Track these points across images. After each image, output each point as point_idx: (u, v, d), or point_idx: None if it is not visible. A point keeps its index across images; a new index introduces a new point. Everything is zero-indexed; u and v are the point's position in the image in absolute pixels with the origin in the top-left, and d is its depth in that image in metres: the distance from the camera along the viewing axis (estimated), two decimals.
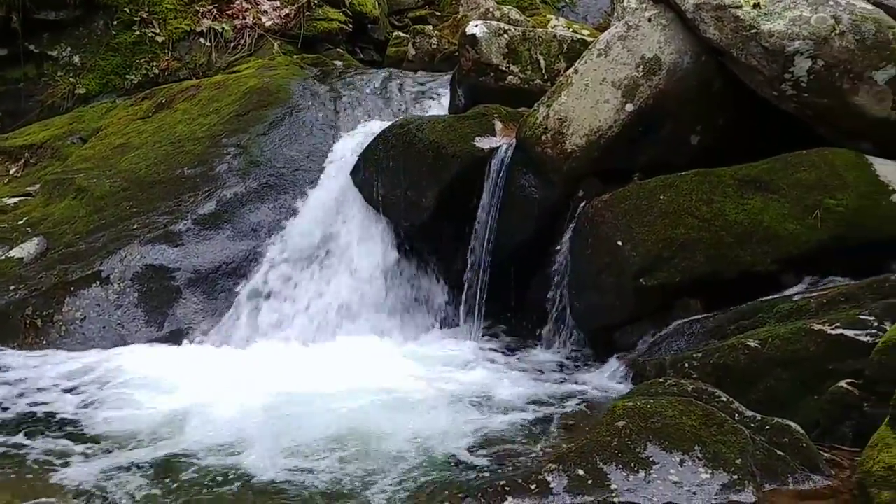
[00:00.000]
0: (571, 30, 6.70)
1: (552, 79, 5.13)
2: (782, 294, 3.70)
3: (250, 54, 6.63)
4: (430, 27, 7.29)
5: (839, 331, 3.23)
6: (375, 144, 4.88)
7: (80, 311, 4.56)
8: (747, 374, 3.30)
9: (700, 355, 3.46)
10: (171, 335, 4.55)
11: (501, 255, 4.49)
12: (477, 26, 5.30)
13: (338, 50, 6.74)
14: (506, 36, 5.28)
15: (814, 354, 3.22)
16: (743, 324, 3.59)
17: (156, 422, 3.44)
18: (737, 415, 2.94)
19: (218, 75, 6.35)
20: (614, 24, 4.61)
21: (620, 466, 2.67)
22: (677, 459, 2.68)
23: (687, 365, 3.45)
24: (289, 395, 3.63)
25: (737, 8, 4.01)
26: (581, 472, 2.66)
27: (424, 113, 5.49)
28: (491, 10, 7.04)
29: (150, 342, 4.48)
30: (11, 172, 5.95)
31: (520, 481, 2.65)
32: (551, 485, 2.62)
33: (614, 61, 4.30)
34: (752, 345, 3.34)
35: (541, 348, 4.36)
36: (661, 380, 3.26)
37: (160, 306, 4.63)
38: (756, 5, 4.01)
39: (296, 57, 6.42)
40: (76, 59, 6.75)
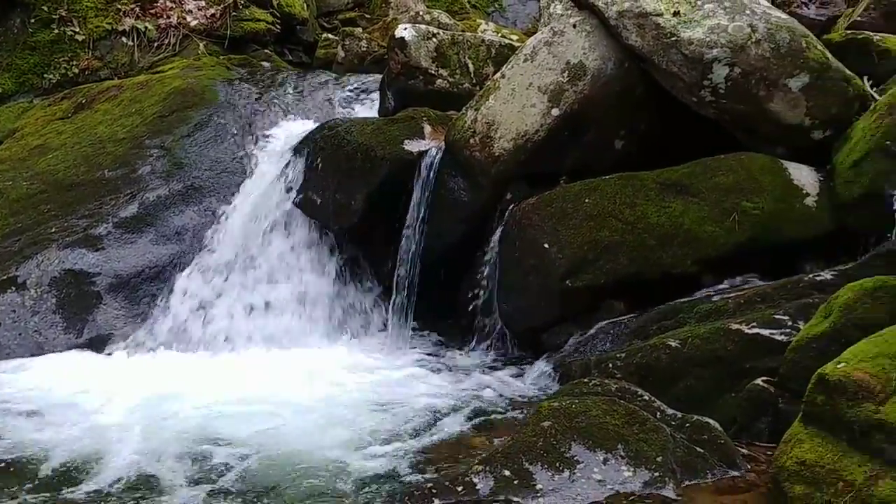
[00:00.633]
0: (500, 34, 6.76)
1: (481, 83, 5.17)
2: (702, 295, 3.81)
3: (175, 54, 6.50)
4: (360, 29, 7.27)
5: (755, 330, 3.33)
6: (304, 147, 4.84)
7: None
8: (668, 373, 3.38)
9: (623, 355, 3.53)
10: (91, 342, 4.42)
11: (431, 258, 4.50)
12: (406, 30, 5.31)
13: (266, 51, 6.66)
14: (435, 40, 5.30)
15: (731, 353, 3.32)
16: (665, 324, 3.67)
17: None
18: (658, 413, 3.01)
19: (141, 75, 6.21)
20: (541, 30, 4.67)
21: (546, 466, 2.70)
22: (601, 458, 2.73)
23: (611, 365, 3.51)
24: (200, 406, 3.56)
25: (658, 16, 4.11)
26: (507, 472, 2.68)
27: (353, 115, 5.47)
28: (421, 13, 7.06)
29: (68, 350, 4.35)
30: None
31: (446, 484, 2.66)
32: (478, 486, 2.64)
33: (540, 66, 4.36)
34: (673, 344, 3.43)
35: (470, 350, 4.39)
36: (586, 380, 3.31)
37: (80, 312, 4.50)
38: (676, 13, 4.11)
39: (222, 58, 6.32)
40: None
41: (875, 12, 5.55)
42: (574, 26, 4.38)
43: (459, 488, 2.64)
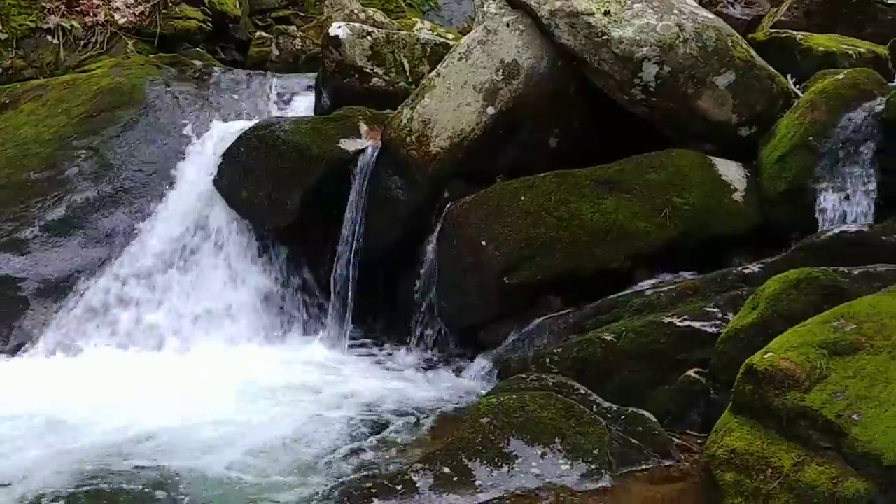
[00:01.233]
0: (436, 33, 6.77)
1: (416, 81, 5.17)
2: (636, 289, 3.88)
3: (102, 53, 6.33)
4: (294, 28, 7.19)
5: (687, 323, 3.42)
6: (237, 146, 4.77)
7: None
8: (604, 366, 3.44)
9: (560, 350, 3.58)
10: (18, 348, 4.29)
11: (369, 257, 4.49)
12: (340, 28, 5.27)
13: (197, 49, 6.53)
14: (369, 38, 5.28)
15: (664, 346, 3.39)
16: (600, 318, 3.73)
17: None
18: (595, 406, 3.06)
19: (67, 75, 6.03)
20: (475, 29, 4.70)
21: (485, 462, 2.72)
22: (539, 452, 2.76)
23: (548, 360, 3.56)
24: (127, 408, 3.50)
25: (589, 15, 4.17)
26: (447, 469, 2.70)
27: (288, 114, 5.41)
28: (355, 11, 7.01)
29: None
30: None
31: (386, 482, 2.66)
32: (417, 484, 2.64)
33: (475, 65, 4.38)
34: (608, 338, 3.49)
35: (409, 348, 4.38)
36: (524, 375, 3.35)
37: (5, 318, 4.37)
38: (607, 13, 4.18)
39: (152, 56, 6.17)
40: None
41: (798, 12, 5.74)
42: (507, 25, 4.42)
43: (399, 487, 2.64)
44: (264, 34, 7.08)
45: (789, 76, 4.54)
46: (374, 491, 2.63)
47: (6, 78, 6.21)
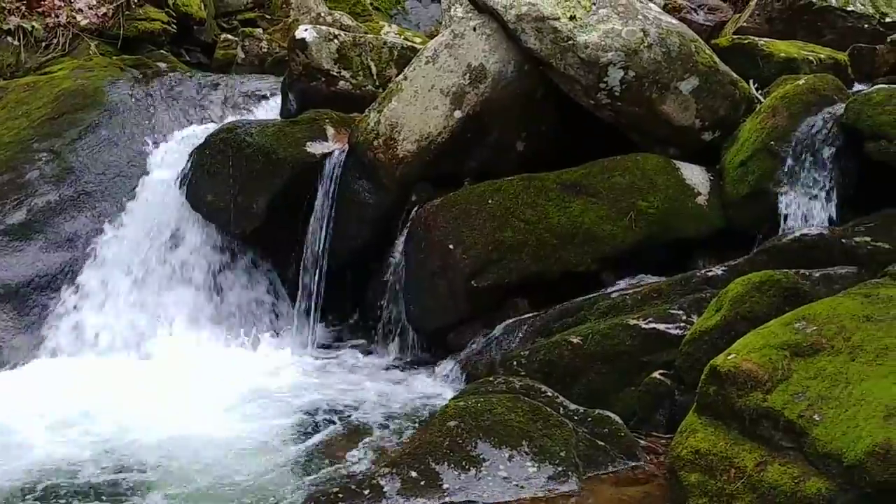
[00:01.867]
0: (403, 37, 6.77)
1: (384, 85, 5.16)
2: (602, 292, 3.91)
3: (64, 55, 6.22)
4: (260, 30, 7.15)
5: (652, 325, 3.45)
6: (202, 149, 4.72)
7: None
8: (571, 369, 3.46)
9: (527, 353, 3.59)
10: None
11: (337, 261, 4.47)
12: (307, 31, 5.25)
13: (161, 51, 6.46)
14: (336, 41, 5.26)
15: (630, 348, 3.43)
16: (567, 321, 3.75)
17: None
18: (561, 409, 3.08)
19: (28, 76, 5.93)
20: (442, 33, 4.71)
21: (452, 465, 2.73)
22: (506, 455, 2.77)
23: (515, 363, 3.57)
24: (91, 414, 3.46)
25: (555, 20, 4.20)
26: (414, 473, 2.70)
27: (254, 117, 5.37)
28: (322, 14, 7.00)
29: None
30: None
31: (353, 487, 2.66)
32: (384, 488, 2.64)
33: (442, 69, 4.39)
34: (575, 341, 3.51)
35: (377, 352, 4.38)
36: (491, 378, 3.36)
37: None
38: (573, 18, 4.21)
39: (115, 58, 6.09)
40: None
41: (760, 18, 5.83)
42: (474, 29, 4.43)
43: (366, 491, 2.63)
44: (230, 37, 7.03)
45: (751, 81, 4.61)
46: (340, 495, 2.62)
47: None
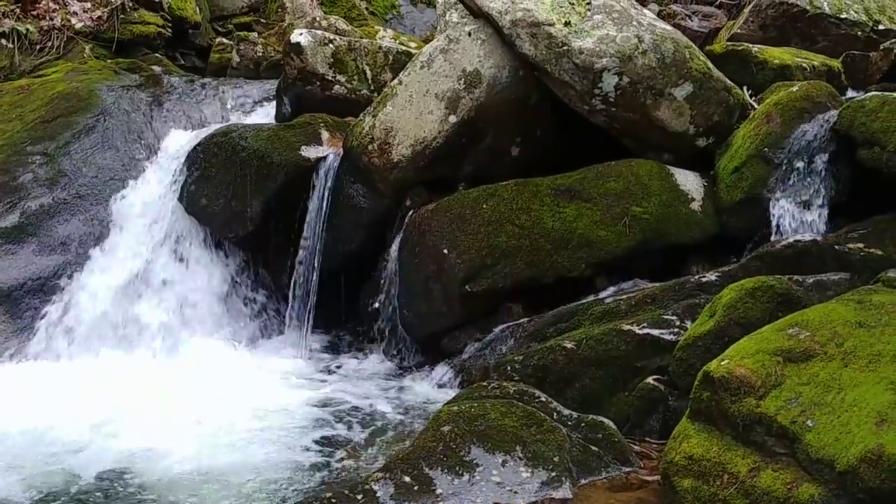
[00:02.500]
0: (399, 42, 6.77)
1: (378, 89, 5.16)
2: (596, 297, 3.92)
3: (59, 58, 6.21)
4: (256, 34, 7.14)
5: (646, 330, 3.46)
6: (197, 153, 4.72)
7: None
8: (565, 374, 3.47)
9: (521, 358, 3.59)
10: None
11: (331, 265, 4.47)
12: (302, 35, 5.25)
13: (156, 55, 6.45)
14: (331, 45, 5.27)
15: (624, 353, 3.43)
16: (561, 326, 3.76)
17: None
18: (555, 414, 3.08)
19: (22, 79, 5.92)
20: (437, 38, 4.71)
21: (446, 471, 2.72)
22: (500, 460, 2.77)
23: (509, 368, 3.57)
24: (77, 418, 3.44)
25: (550, 26, 4.21)
26: (407, 478, 2.69)
27: (248, 121, 5.37)
28: (318, 19, 6.99)
29: None
30: None
31: (346, 492, 2.64)
32: (378, 494, 2.63)
33: (437, 74, 4.40)
34: (569, 346, 3.51)
35: (371, 356, 4.37)
36: (485, 383, 3.36)
37: None
38: (567, 23, 4.22)
39: (109, 61, 6.08)
40: None
41: (754, 25, 5.86)
42: (469, 34, 4.44)
43: (359, 496, 2.62)
44: (225, 40, 7.03)
45: (745, 88, 4.63)
46: (334, 501, 2.60)
47: None
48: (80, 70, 5.78)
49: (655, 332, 3.44)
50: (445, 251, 4.07)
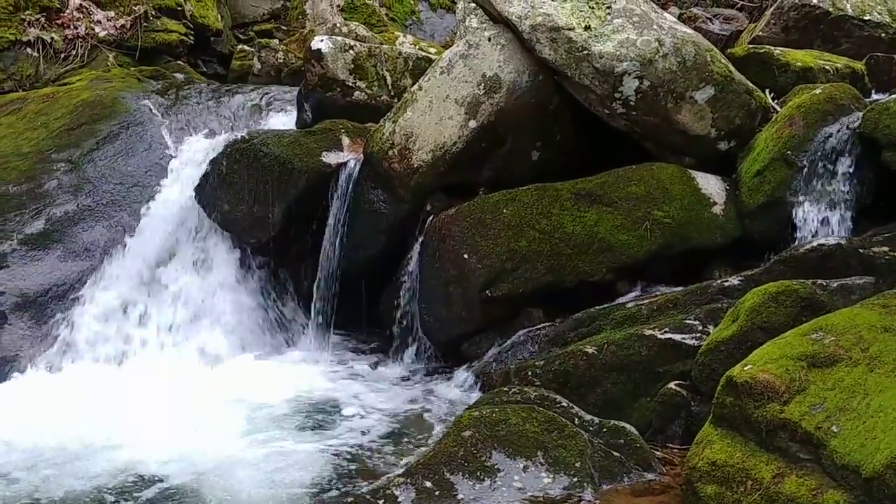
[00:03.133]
0: (418, 47, 6.80)
1: (398, 95, 5.18)
2: (617, 301, 3.90)
3: (83, 66, 6.31)
4: (277, 41, 7.20)
5: (668, 335, 3.44)
6: (219, 159, 4.75)
7: None
8: (586, 379, 3.45)
9: (542, 363, 3.58)
10: None
11: (351, 270, 4.48)
12: (322, 41, 5.28)
13: (179, 62, 6.53)
14: (352, 52, 5.29)
15: (646, 358, 3.41)
16: (582, 331, 3.74)
17: None
18: (576, 419, 3.07)
19: (47, 87, 6.01)
20: (457, 43, 4.72)
21: (467, 476, 2.72)
22: (521, 466, 2.76)
23: (530, 373, 3.56)
24: (105, 428, 3.46)
25: (569, 30, 4.21)
26: (429, 483, 2.69)
27: (270, 128, 5.40)
28: (338, 25, 7.04)
29: None
30: None
31: (368, 497, 2.65)
32: (399, 499, 2.63)
33: (457, 79, 4.40)
34: (590, 351, 3.50)
35: (391, 361, 4.38)
36: (506, 388, 3.36)
37: None
38: (587, 28, 4.22)
39: (133, 69, 6.17)
40: None
41: (775, 27, 5.81)
42: (489, 39, 4.44)
43: (380, 501, 2.63)
44: (246, 47, 7.09)
45: (768, 91, 4.60)
46: None
47: None
48: (104, 78, 5.85)
49: (677, 336, 3.42)
50: (466, 256, 4.07)
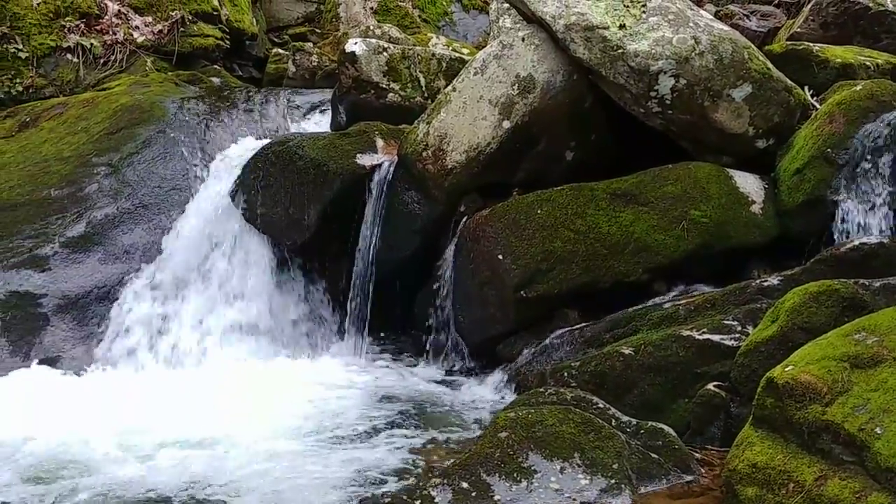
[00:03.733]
0: (451, 48, 6.80)
1: (432, 96, 5.19)
2: (654, 302, 3.86)
3: (121, 71, 6.41)
4: (311, 44, 7.25)
5: (706, 336, 3.40)
6: (255, 162, 4.80)
7: None
8: (623, 380, 3.43)
9: (578, 364, 3.56)
10: (39, 365, 4.31)
11: (386, 271, 4.49)
12: (356, 44, 5.32)
13: (215, 66, 6.61)
14: (385, 54, 5.32)
15: (683, 359, 3.38)
16: (618, 332, 3.72)
17: None
18: (613, 420, 3.05)
19: (87, 93, 6.12)
20: (490, 44, 4.71)
21: (503, 477, 2.71)
22: (558, 467, 2.75)
23: (566, 374, 3.55)
24: (144, 428, 3.49)
25: (604, 29, 4.18)
26: (465, 484, 2.69)
27: (305, 130, 5.44)
28: (371, 27, 7.06)
29: (14, 372, 4.22)
30: None
31: (404, 497, 2.66)
32: (436, 499, 2.63)
33: (490, 79, 4.40)
34: (627, 352, 3.47)
35: (426, 362, 4.39)
36: (541, 389, 3.34)
37: (26, 335, 4.39)
38: (622, 26, 4.19)
39: (170, 74, 6.25)
40: None
41: (814, 23, 5.71)
42: (523, 40, 4.43)
43: (417, 502, 2.63)
44: (281, 51, 7.15)
45: (806, 88, 4.53)
46: None
47: (27, 96, 6.32)
48: (143, 83, 5.94)
49: (716, 337, 3.38)
50: (500, 257, 4.06)
